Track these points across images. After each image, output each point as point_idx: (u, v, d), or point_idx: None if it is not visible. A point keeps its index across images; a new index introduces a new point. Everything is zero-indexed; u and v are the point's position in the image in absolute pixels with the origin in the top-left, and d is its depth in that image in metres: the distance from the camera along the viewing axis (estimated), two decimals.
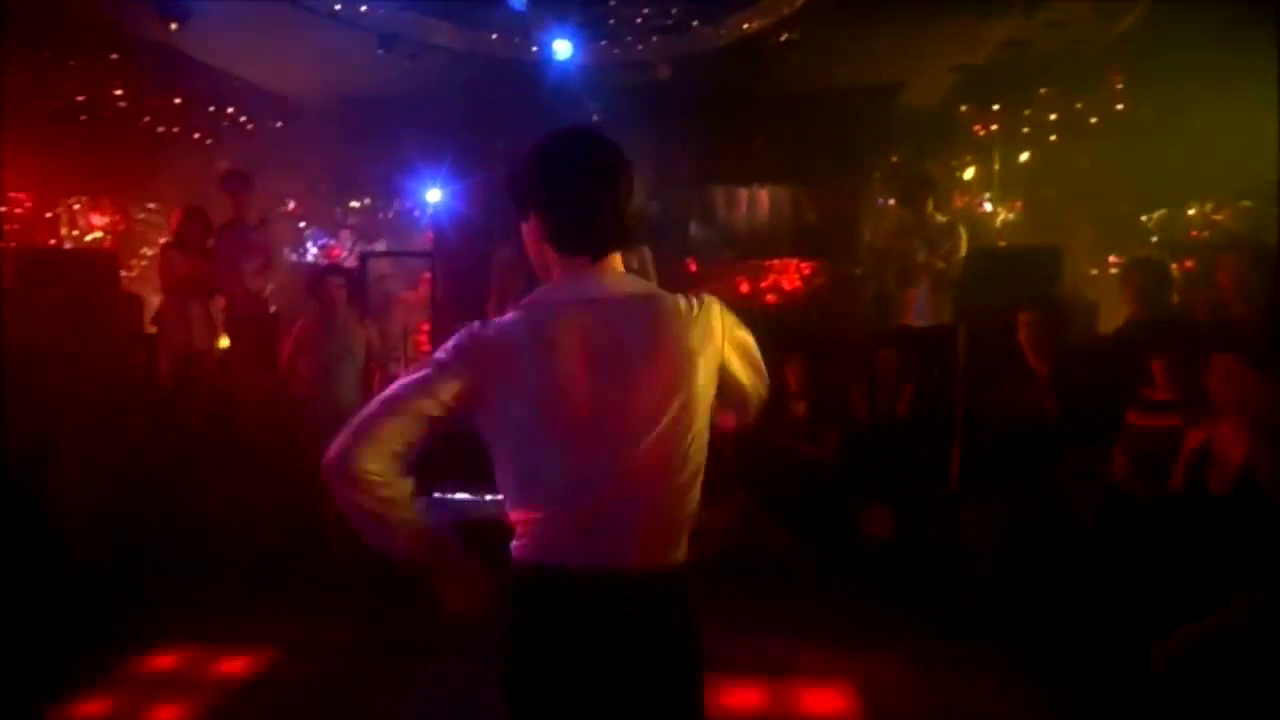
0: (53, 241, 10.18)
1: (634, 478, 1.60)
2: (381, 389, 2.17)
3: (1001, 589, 3.99)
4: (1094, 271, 7.01)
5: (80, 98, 8.38)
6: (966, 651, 3.95)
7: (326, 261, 11.06)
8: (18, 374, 4.53)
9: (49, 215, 10.54)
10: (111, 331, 5.47)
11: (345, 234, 13.81)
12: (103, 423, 5.16)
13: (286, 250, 9.00)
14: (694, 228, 9.25)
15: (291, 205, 11.69)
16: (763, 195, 9.51)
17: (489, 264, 7.09)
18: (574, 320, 1.60)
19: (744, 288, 8.49)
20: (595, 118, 8.00)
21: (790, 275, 8.53)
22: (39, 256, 6.76)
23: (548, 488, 1.61)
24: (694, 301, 1.68)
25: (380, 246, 12.60)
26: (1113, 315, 4.90)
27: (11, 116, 8.36)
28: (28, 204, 10.28)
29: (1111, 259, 6.98)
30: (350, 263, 10.65)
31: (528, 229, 1.73)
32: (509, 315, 1.67)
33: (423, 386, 1.62)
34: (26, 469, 4.59)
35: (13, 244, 9.44)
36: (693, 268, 8.68)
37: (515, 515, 1.67)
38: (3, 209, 10.13)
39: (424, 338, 8.75)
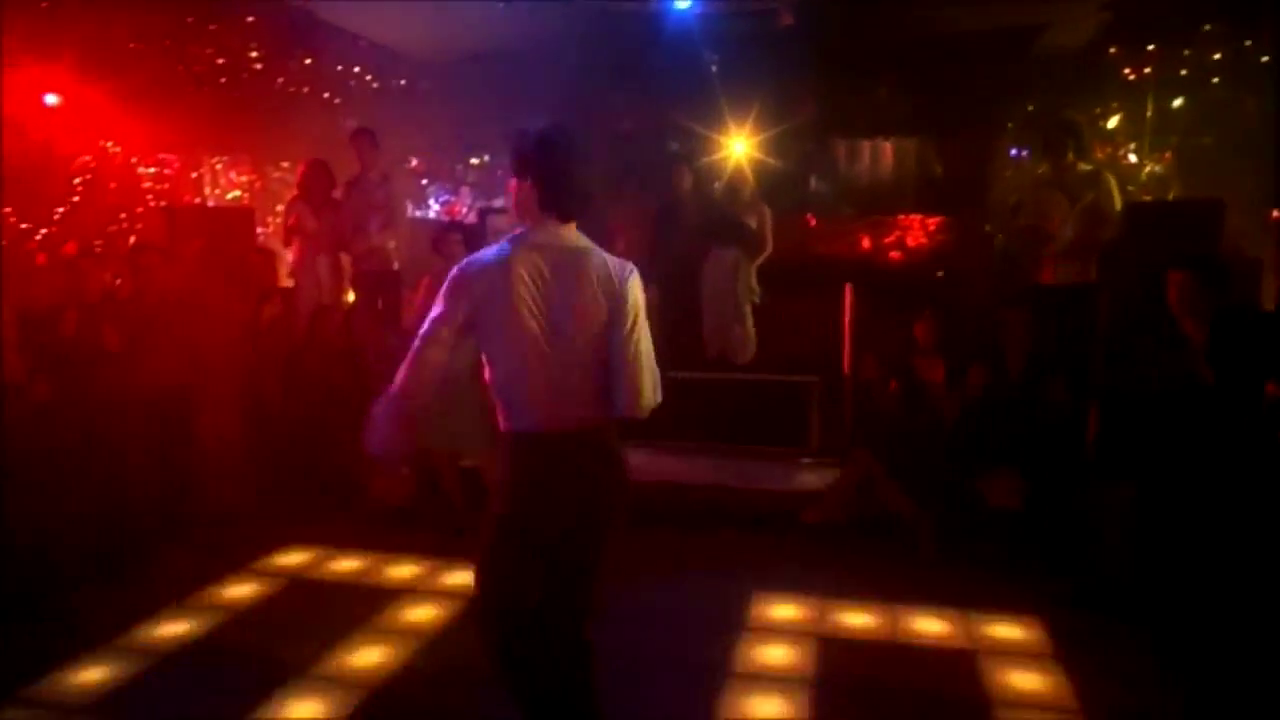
0: (197, 199, 10.76)
1: (573, 367, 2.34)
2: None
3: (1137, 562, 3.78)
4: (1255, 228, 6.44)
5: (221, 60, 8.75)
6: (1096, 623, 3.79)
7: (447, 218, 11.31)
8: (169, 323, 4.82)
9: (194, 175, 11.14)
10: (248, 284, 5.72)
11: (465, 190, 14.09)
12: (241, 372, 5.45)
13: (409, 206, 9.20)
14: (813, 182, 8.98)
15: (414, 162, 11.97)
16: (887, 148, 9.15)
17: (607, 217, 7.07)
18: (531, 257, 2.32)
19: (866, 244, 8.22)
20: (714, 68, 7.83)
21: (915, 231, 8.20)
22: (185, 213, 7.13)
23: (522, 382, 2.34)
24: (625, 263, 2.45)
25: (499, 203, 12.80)
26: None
27: (160, 81, 8.84)
28: (175, 165, 10.88)
29: (1275, 214, 6.41)
30: (470, 219, 10.85)
31: (520, 188, 2.41)
32: (489, 250, 2.38)
33: (432, 340, 2.33)
34: (175, 413, 4.89)
35: (163, 202, 10.05)
36: (812, 223, 8.45)
37: (502, 403, 2.40)
38: (154, 169, 10.77)
39: None
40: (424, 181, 12.45)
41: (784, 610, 4.03)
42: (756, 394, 5.61)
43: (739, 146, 7.50)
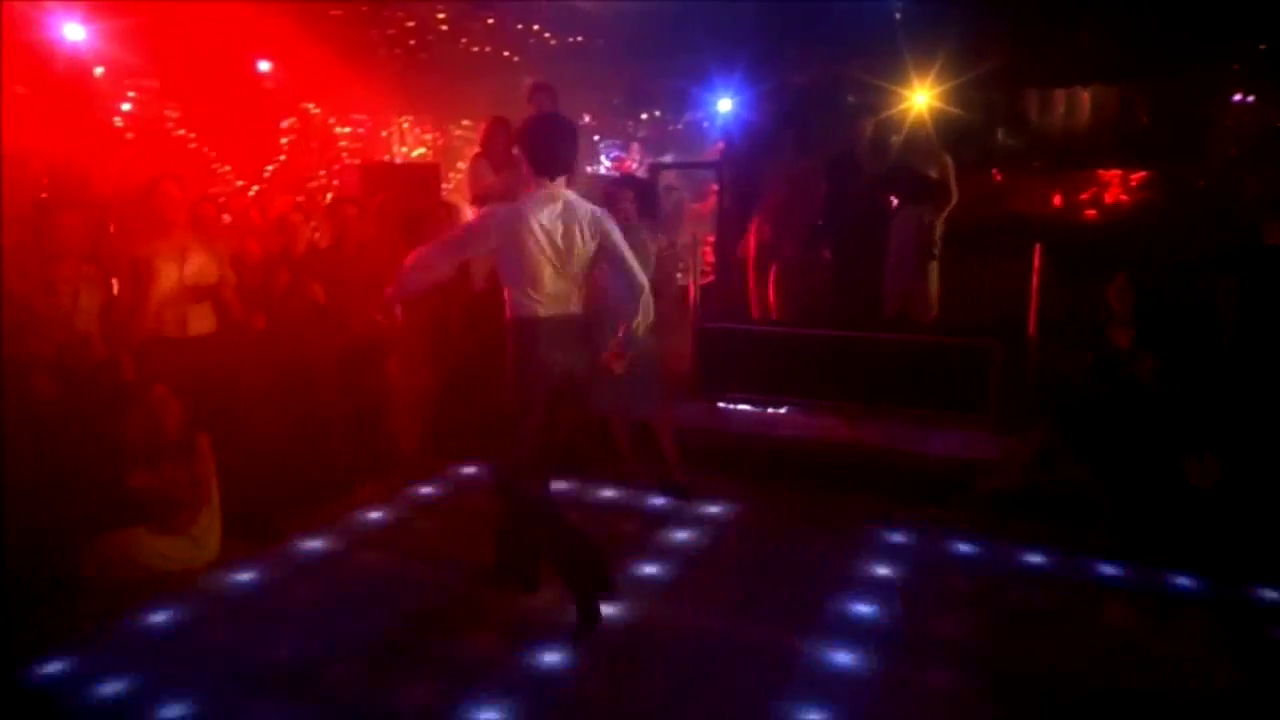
0: (385, 157, 11.39)
1: (568, 278, 3.40)
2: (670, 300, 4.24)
3: None
4: None
5: (410, 23, 9.17)
6: None
7: (618, 173, 11.45)
8: (363, 273, 5.15)
9: (383, 134, 11.80)
10: (432, 236, 6.00)
11: (635, 146, 14.20)
12: (426, 319, 5.76)
13: (583, 162, 9.34)
14: (1000, 135, 8.43)
15: (587, 119, 12.17)
16: (1084, 97, 8.44)
17: (777, 173, 6.94)
18: (544, 208, 3.32)
19: (1057, 200, 7.68)
20: (898, 15, 7.45)
21: (1114, 187, 7.58)
22: (376, 169, 7.56)
23: (531, 287, 3.33)
24: (599, 209, 3.51)
25: (668, 159, 12.82)
26: None
27: (357, 45, 9.39)
28: (367, 124, 11.56)
29: None
30: (641, 174, 10.94)
31: (521, 159, 3.42)
32: (511, 204, 3.43)
33: (462, 242, 3.69)
34: (369, 359, 5.25)
35: (356, 160, 10.71)
36: (998, 178, 7.97)
37: (510, 299, 3.41)
38: (348, 129, 11.48)
39: (709, 249, 8.84)
40: (595, 138, 12.61)
41: (954, 580, 3.91)
42: (933, 357, 5.39)
43: (920, 98, 7.15)
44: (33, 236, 4.09)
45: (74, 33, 7.26)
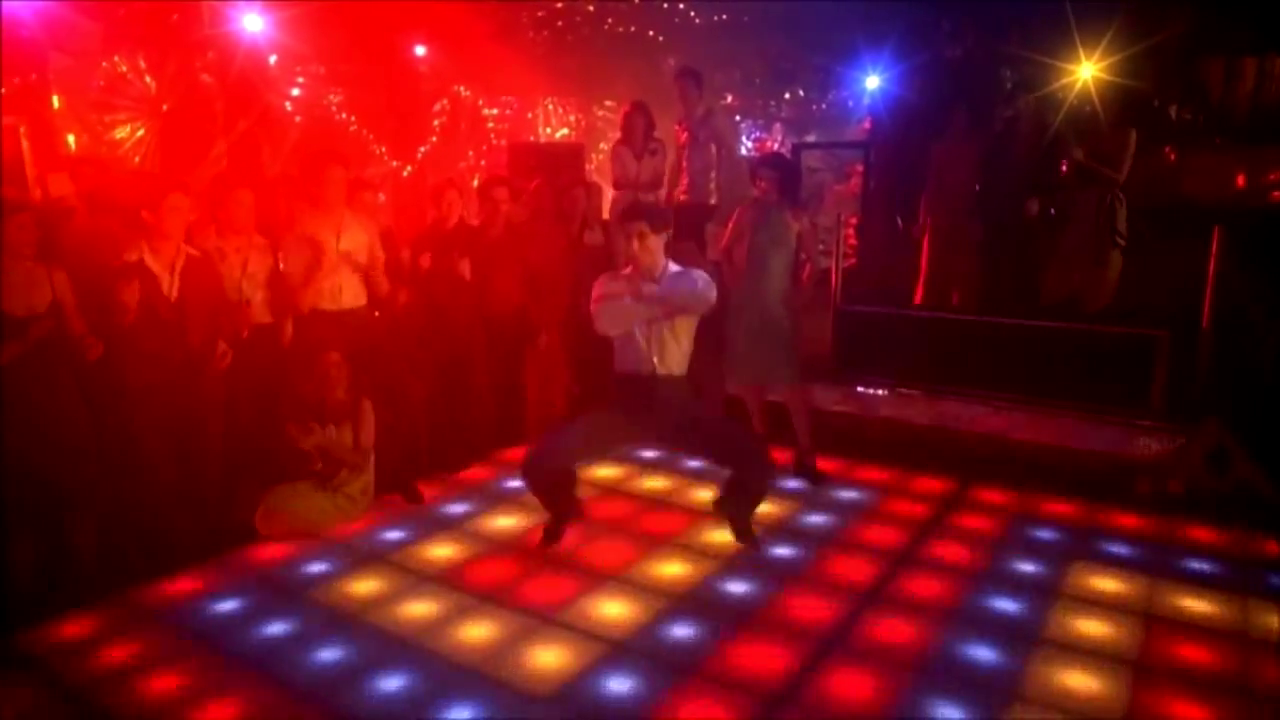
0: (531, 137, 11.65)
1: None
2: (811, 281, 4.88)
3: None
4: None
5: (559, 4, 9.33)
6: None
7: (758, 154, 11.30)
8: (510, 250, 5.31)
9: (529, 115, 12.08)
10: (573, 213, 6.10)
11: (778, 127, 13.98)
12: (566, 295, 5.88)
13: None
14: (1175, 110, 7.81)
15: (729, 99, 12.07)
16: (1277, 64, 7.70)
17: (927, 153, 6.69)
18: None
19: (1240, 181, 7.05)
20: None
21: None
22: (524, 149, 7.76)
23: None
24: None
25: (811, 139, 12.56)
26: None
27: (506, 27, 9.64)
28: (514, 105, 11.86)
29: None
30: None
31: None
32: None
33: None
34: (512, 332, 5.41)
35: (502, 140, 11.03)
36: (1171, 157, 7.39)
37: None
38: (496, 110, 11.81)
39: (851, 231, 8.62)
40: (737, 118, 12.50)
41: (1106, 582, 3.70)
42: (1093, 346, 5.07)
43: (1086, 71, 6.72)
44: (210, 209, 4.42)
45: (253, 24, 7.77)
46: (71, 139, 7.58)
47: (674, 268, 3.81)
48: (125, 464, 3.89)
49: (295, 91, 9.74)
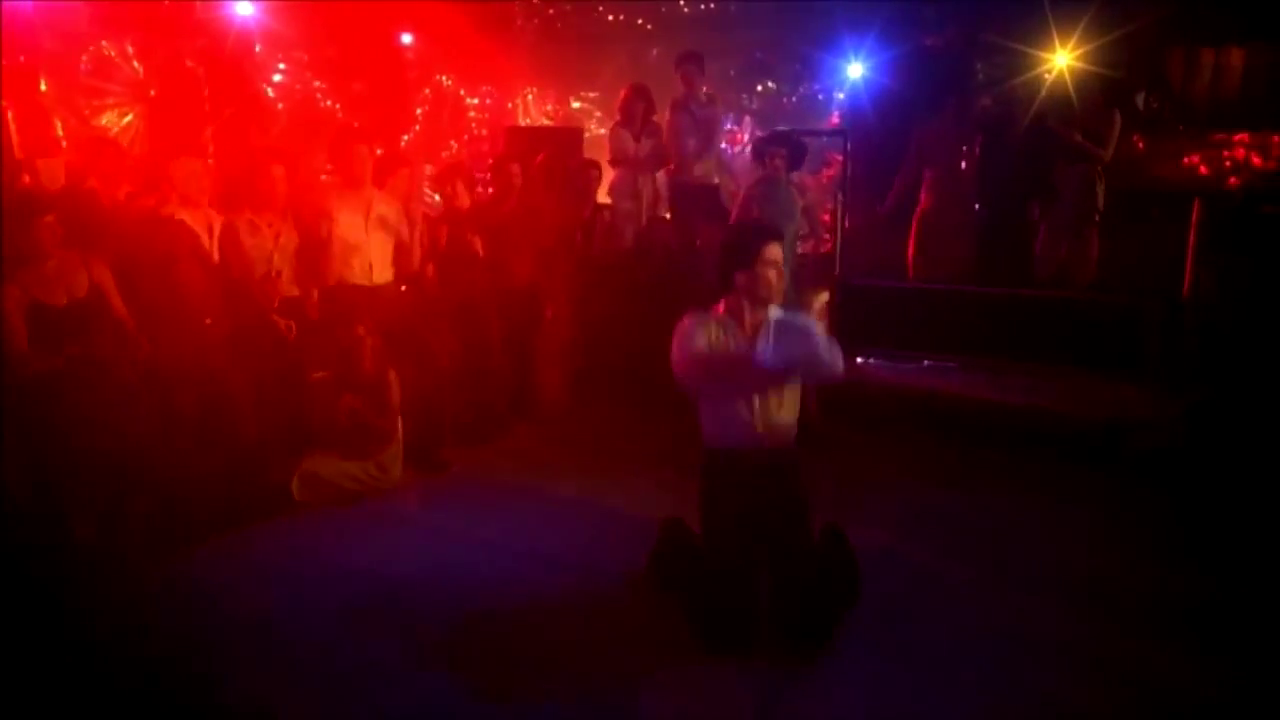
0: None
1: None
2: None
3: None
4: None
5: None
6: None
7: (728, 148, 11.47)
8: (519, 228, 5.44)
9: (510, 105, 12.14)
10: (578, 196, 6.24)
11: (747, 120, 14.20)
12: (575, 274, 6.03)
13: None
14: (1143, 98, 8.18)
15: (705, 90, 12.24)
16: (1235, 55, 8.11)
17: (909, 139, 6.93)
18: None
19: (1204, 169, 7.44)
20: None
21: (1266, 152, 7.29)
22: (521, 132, 7.88)
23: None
24: None
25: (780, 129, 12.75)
26: None
27: (494, 15, 9.71)
28: (494, 95, 11.90)
29: None
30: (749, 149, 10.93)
31: None
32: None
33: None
34: (523, 309, 5.54)
35: (484, 130, 11.09)
36: (1140, 146, 7.76)
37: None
38: (477, 100, 11.84)
39: (828, 217, 8.85)
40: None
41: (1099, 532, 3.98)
42: (1086, 315, 5.36)
43: (1061, 60, 7.04)
44: (248, 182, 4.50)
45: (244, 8, 7.78)
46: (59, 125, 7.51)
47: (776, 311, 3.03)
48: (171, 435, 3.96)
49: (277, 78, 9.72)
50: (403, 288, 4.94)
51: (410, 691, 2.78)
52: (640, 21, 9.40)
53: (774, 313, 2.99)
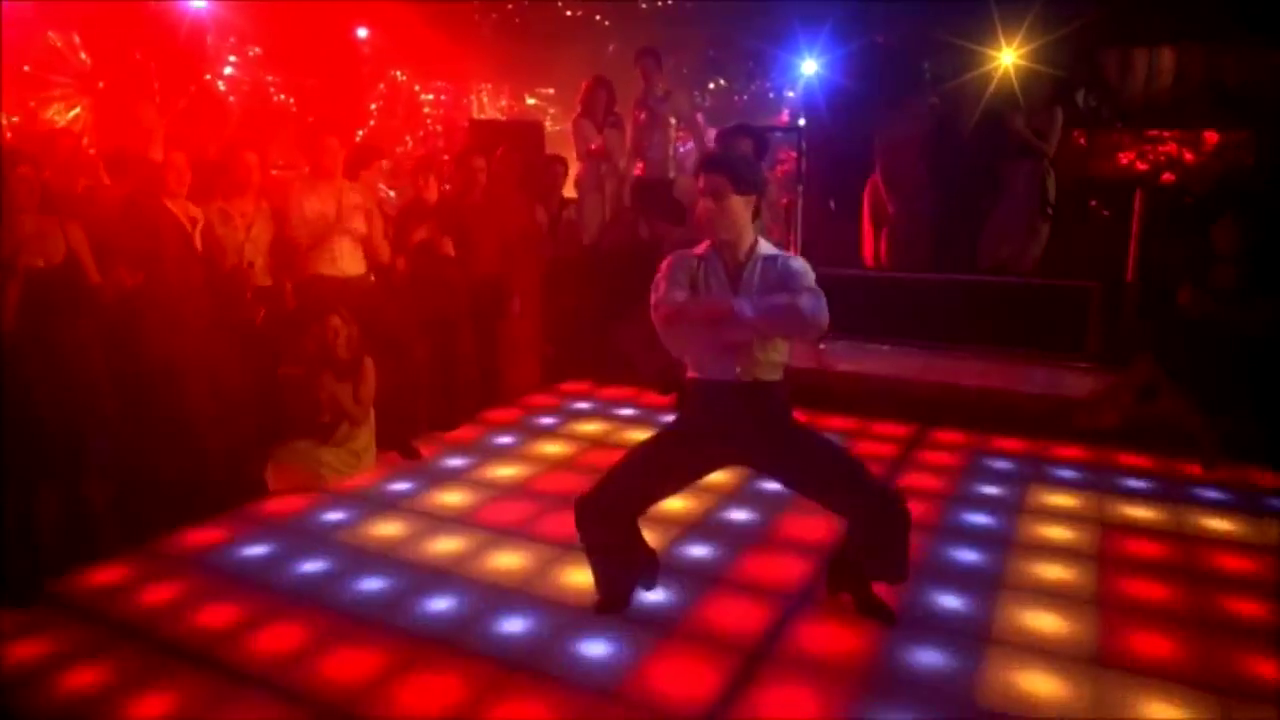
0: (465, 124, 11.65)
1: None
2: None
3: None
4: None
5: None
6: None
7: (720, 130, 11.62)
8: (485, 219, 5.49)
9: (464, 100, 12.13)
10: (551, 188, 6.31)
11: (699, 117, 14.34)
12: (540, 265, 6.11)
13: None
14: (1082, 96, 8.51)
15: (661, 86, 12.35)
16: (1167, 56, 8.48)
17: (863, 135, 7.14)
18: None
19: (1141, 165, 7.78)
20: None
21: (1196, 147, 7.66)
22: (483, 126, 7.91)
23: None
24: None
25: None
26: None
27: (450, 11, 9.70)
28: (449, 90, 11.88)
29: None
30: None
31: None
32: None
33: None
34: (491, 298, 5.60)
35: (439, 126, 11.06)
36: (1082, 141, 8.08)
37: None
38: (431, 95, 11.81)
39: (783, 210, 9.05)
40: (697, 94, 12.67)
41: (1060, 499, 4.18)
42: (1033, 299, 5.61)
43: (1007, 57, 7.30)
44: (220, 171, 4.48)
45: (196, 2, 7.68)
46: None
47: (765, 248, 2.88)
48: (142, 418, 3.94)
49: (228, 70, 9.59)
50: (372, 278, 4.96)
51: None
52: (598, 18, 9.49)
53: (763, 249, 2.87)
